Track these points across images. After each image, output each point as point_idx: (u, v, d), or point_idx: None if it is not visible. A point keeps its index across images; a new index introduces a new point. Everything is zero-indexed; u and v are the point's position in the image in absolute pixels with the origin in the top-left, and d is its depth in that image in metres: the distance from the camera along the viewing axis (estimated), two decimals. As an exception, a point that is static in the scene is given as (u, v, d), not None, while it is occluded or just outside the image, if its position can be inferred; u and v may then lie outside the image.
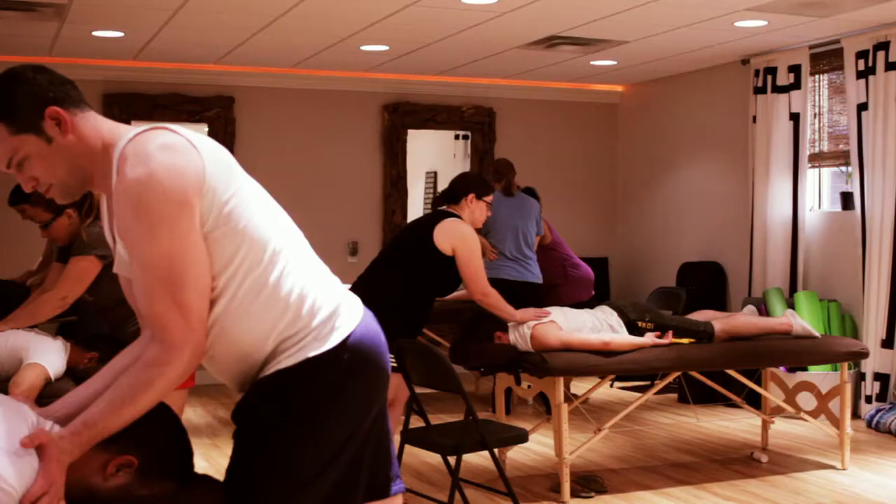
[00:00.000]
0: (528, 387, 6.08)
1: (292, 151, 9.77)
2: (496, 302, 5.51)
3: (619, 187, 11.02)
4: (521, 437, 4.98)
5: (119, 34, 7.87)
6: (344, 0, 6.85)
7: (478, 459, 6.15)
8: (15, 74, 2.31)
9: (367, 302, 2.57)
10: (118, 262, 2.42)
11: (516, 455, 6.53)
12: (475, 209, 5.51)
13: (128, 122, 6.86)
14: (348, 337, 2.39)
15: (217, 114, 9.43)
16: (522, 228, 7.83)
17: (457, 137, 11.88)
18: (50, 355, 4.72)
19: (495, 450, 4.96)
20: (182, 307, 2.23)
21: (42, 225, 5.02)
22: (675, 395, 8.66)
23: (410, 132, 10.27)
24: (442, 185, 12.72)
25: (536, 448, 6.71)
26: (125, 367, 2.43)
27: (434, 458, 6.14)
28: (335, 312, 2.40)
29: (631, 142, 10.86)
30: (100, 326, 6.10)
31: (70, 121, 2.31)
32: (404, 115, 10.13)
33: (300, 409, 2.36)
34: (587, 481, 5.77)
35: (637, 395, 8.60)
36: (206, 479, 2.51)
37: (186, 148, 2.26)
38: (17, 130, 2.29)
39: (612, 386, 9.27)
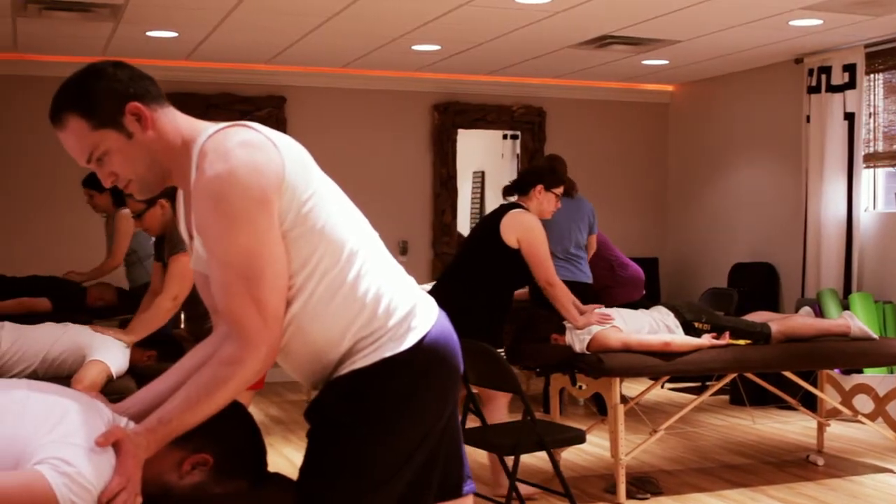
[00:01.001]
0: (580, 387, 6.05)
1: (343, 151, 9.79)
2: (560, 294, 5.51)
3: (670, 187, 10.96)
4: (579, 437, 4.96)
5: (173, 34, 7.92)
6: (397, 0, 6.86)
7: (531, 459, 6.13)
8: (96, 70, 2.31)
9: (449, 304, 2.57)
10: (195, 258, 2.41)
11: (569, 455, 6.51)
12: (543, 200, 5.55)
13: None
14: (424, 337, 2.39)
15: (268, 113, 9.46)
16: (574, 228, 7.79)
17: (505, 137, 11.86)
18: (112, 353, 4.75)
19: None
20: (259, 304, 2.22)
21: (135, 215, 5.07)
22: (726, 397, 8.59)
23: (460, 132, 10.26)
24: (489, 184, 12.72)
25: (589, 448, 6.69)
26: (197, 364, 2.44)
27: (488, 458, 6.13)
28: (411, 313, 2.40)
29: (681, 141, 10.80)
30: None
31: (150, 116, 2.31)
32: (454, 114, 10.13)
33: (375, 410, 2.35)
34: (642, 483, 5.74)
35: (688, 396, 8.56)
36: (278, 477, 2.51)
37: (267, 146, 2.25)
38: (98, 126, 2.28)
39: (662, 387, 9.20)
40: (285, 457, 6.53)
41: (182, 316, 5.89)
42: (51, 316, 5.88)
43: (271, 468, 2.55)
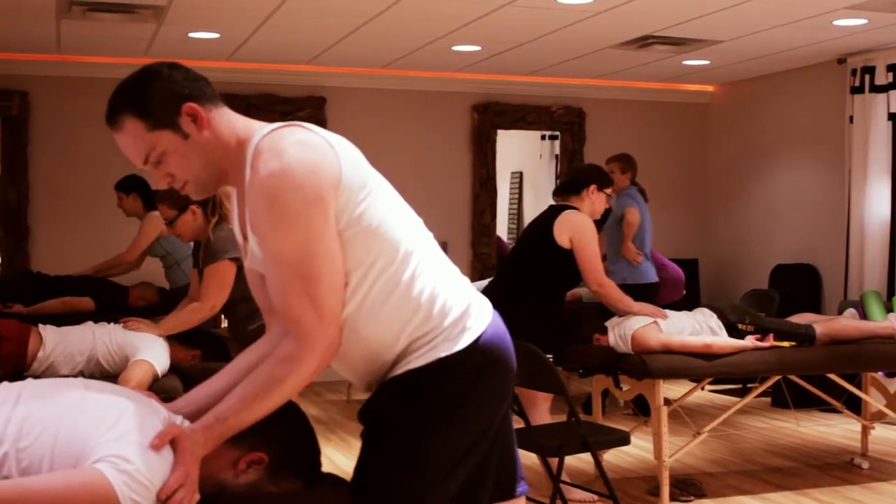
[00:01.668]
0: (621, 389, 6.02)
1: (382, 151, 9.77)
2: (613, 292, 5.54)
3: (710, 188, 10.89)
4: (623, 439, 4.94)
5: (215, 35, 7.96)
6: (438, 1, 6.86)
7: (572, 460, 6.11)
8: (152, 71, 2.32)
9: (500, 304, 2.56)
10: (249, 256, 2.41)
11: (610, 457, 6.48)
12: (595, 201, 5.58)
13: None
14: (479, 337, 2.38)
15: (308, 114, 9.48)
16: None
17: (543, 138, 11.85)
18: (156, 352, 4.79)
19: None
20: (316, 303, 2.22)
21: (167, 222, 5.10)
22: (767, 399, 8.53)
23: (499, 132, 10.25)
24: (527, 185, 12.71)
25: (631, 450, 6.65)
26: (252, 362, 2.44)
27: (529, 458, 6.11)
28: (466, 312, 2.39)
29: (722, 142, 10.74)
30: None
31: (206, 117, 2.31)
32: (494, 115, 10.12)
33: (430, 410, 2.35)
34: (686, 485, 5.70)
35: (728, 398, 8.51)
36: (332, 477, 2.52)
37: (322, 146, 2.25)
38: (154, 127, 2.29)
39: (702, 389, 9.15)
40: (326, 456, 6.53)
41: (221, 316, 5.95)
42: (93, 315, 5.92)
43: None
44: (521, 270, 5.58)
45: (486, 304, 2.48)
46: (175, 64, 2.35)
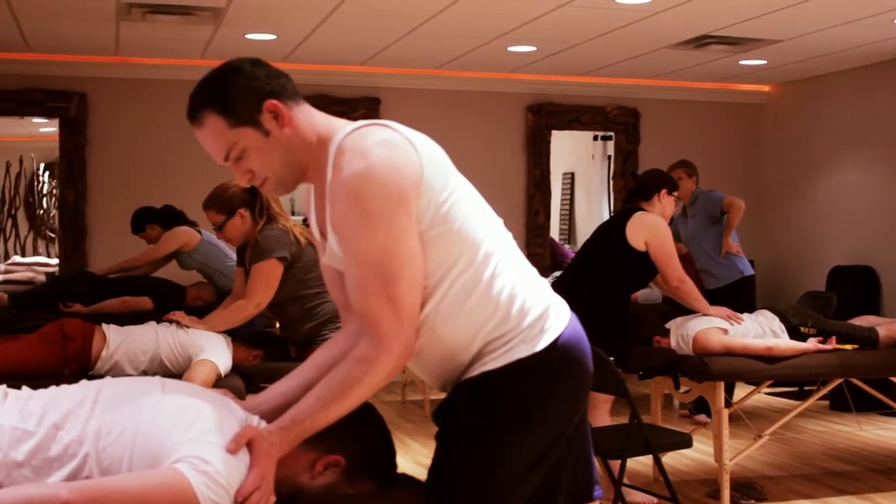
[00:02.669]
0: (679, 390, 5.97)
1: (436, 152, 9.78)
2: (693, 291, 5.58)
3: (765, 189, 10.79)
4: (686, 442, 4.91)
5: (272, 37, 7.99)
6: (495, 1, 6.85)
7: (629, 462, 6.06)
8: (234, 68, 2.31)
9: (572, 306, 2.55)
10: (328, 254, 2.41)
11: (668, 460, 6.43)
12: (666, 204, 5.63)
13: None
14: (558, 338, 2.37)
15: (363, 115, 9.49)
16: None
17: (595, 138, 11.80)
18: (219, 352, 4.81)
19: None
20: (395, 303, 2.21)
21: (216, 227, 5.12)
22: (826, 402, 8.44)
23: (552, 133, 10.22)
24: (579, 186, 12.66)
25: (688, 453, 6.59)
26: (327, 361, 2.44)
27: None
28: (545, 314, 2.38)
29: (778, 142, 10.64)
30: (252, 324, 6.22)
31: (287, 114, 2.30)
32: (548, 115, 10.09)
33: (507, 411, 2.34)
34: (746, 489, 5.66)
35: (786, 400, 8.44)
36: (407, 479, 2.51)
37: (405, 145, 2.24)
38: (236, 124, 2.28)
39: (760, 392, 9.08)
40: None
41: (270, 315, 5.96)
42: (152, 315, 5.97)
43: None
44: (591, 272, 5.59)
45: (564, 305, 2.47)
46: (257, 60, 2.34)
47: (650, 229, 5.47)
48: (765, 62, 9.14)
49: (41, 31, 7.82)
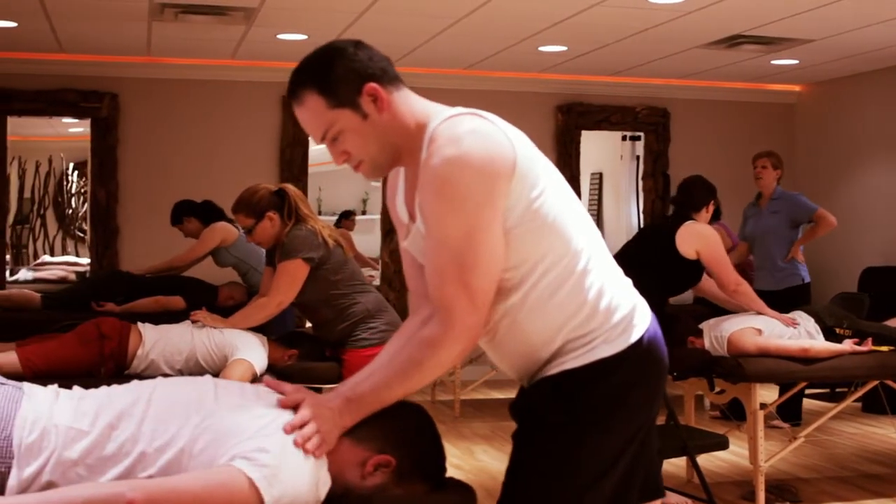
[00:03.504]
0: (714, 391, 5.95)
1: (465, 152, 9.77)
2: (750, 292, 5.63)
3: (796, 189, 10.71)
4: (723, 444, 4.89)
5: (303, 37, 8.00)
6: (527, 1, 6.84)
7: (664, 464, 6.06)
8: (337, 49, 2.32)
9: None
10: (411, 238, 2.41)
11: (702, 461, 6.38)
12: (708, 216, 5.73)
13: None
14: (643, 337, 2.37)
15: (393, 115, 9.48)
16: None
17: (624, 138, 11.75)
18: (254, 351, 4.81)
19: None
20: (470, 290, 2.22)
21: (246, 231, 5.13)
22: (858, 405, 8.39)
23: (583, 133, 10.19)
24: (607, 186, 12.62)
25: (721, 454, 6.56)
26: (399, 348, 2.42)
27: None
28: (631, 313, 2.38)
29: (809, 143, 10.59)
30: (285, 325, 6.23)
31: (386, 98, 2.30)
32: (578, 115, 10.07)
33: (590, 411, 2.33)
34: (781, 491, 5.63)
35: (818, 402, 8.39)
36: (457, 482, 2.51)
37: (499, 136, 2.23)
38: (336, 105, 2.28)
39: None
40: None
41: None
42: (185, 314, 5.98)
43: None
44: (631, 275, 5.56)
45: (646, 305, 2.47)
46: (360, 43, 2.35)
47: (702, 239, 5.52)
48: (797, 62, 9.09)
49: (74, 31, 7.86)
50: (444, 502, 2.42)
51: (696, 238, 5.51)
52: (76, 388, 2.40)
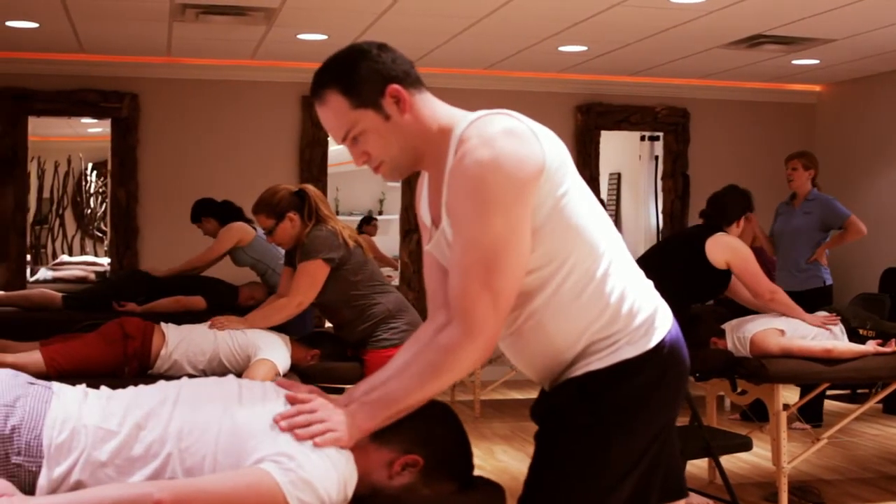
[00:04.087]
0: (737, 392, 5.93)
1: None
2: (785, 298, 5.58)
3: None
4: (746, 445, 4.87)
5: (323, 37, 8.00)
6: (547, 1, 6.82)
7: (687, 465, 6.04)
8: (361, 51, 2.33)
9: None
10: (434, 242, 2.41)
11: (723, 462, 6.36)
12: (739, 230, 5.74)
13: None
14: (664, 339, 2.37)
15: (412, 115, 9.48)
16: None
17: (643, 139, 11.72)
18: (277, 351, 4.82)
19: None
20: (493, 293, 2.21)
21: (266, 231, 5.13)
22: (879, 406, 8.35)
23: (602, 133, 10.17)
24: (626, 186, 12.60)
25: (744, 456, 6.54)
26: (415, 354, 2.42)
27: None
28: (653, 316, 2.38)
29: (829, 143, 10.54)
30: (305, 326, 6.23)
31: (409, 100, 2.31)
32: (597, 115, 10.05)
33: (614, 412, 2.34)
34: (804, 492, 5.61)
35: (839, 403, 8.35)
36: (486, 481, 2.50)
37: (529, 137, 2.24)
38: (358, 105, 2.29)
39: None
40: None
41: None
42: (205, 314, 5.99)
43: None
44: (656, 281, 5.54)
45: (667, 307, 2.47)
46: (384, 45, 2.36)
47: (733, 251, 5.50)
48: (817, 62, 9.05)
49: (95, 32, 7.89)
50: (470, 501, 2.41)
51: (727, 250, 5.50)
52: (104, 387, 2.41)
